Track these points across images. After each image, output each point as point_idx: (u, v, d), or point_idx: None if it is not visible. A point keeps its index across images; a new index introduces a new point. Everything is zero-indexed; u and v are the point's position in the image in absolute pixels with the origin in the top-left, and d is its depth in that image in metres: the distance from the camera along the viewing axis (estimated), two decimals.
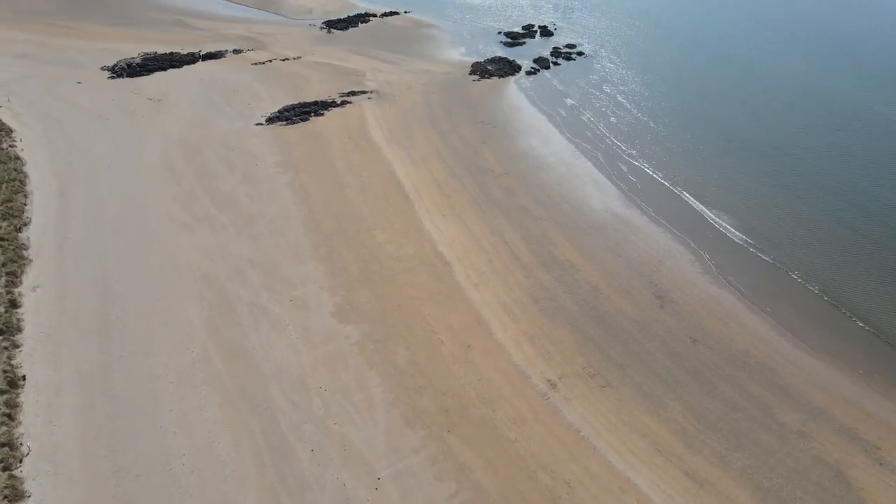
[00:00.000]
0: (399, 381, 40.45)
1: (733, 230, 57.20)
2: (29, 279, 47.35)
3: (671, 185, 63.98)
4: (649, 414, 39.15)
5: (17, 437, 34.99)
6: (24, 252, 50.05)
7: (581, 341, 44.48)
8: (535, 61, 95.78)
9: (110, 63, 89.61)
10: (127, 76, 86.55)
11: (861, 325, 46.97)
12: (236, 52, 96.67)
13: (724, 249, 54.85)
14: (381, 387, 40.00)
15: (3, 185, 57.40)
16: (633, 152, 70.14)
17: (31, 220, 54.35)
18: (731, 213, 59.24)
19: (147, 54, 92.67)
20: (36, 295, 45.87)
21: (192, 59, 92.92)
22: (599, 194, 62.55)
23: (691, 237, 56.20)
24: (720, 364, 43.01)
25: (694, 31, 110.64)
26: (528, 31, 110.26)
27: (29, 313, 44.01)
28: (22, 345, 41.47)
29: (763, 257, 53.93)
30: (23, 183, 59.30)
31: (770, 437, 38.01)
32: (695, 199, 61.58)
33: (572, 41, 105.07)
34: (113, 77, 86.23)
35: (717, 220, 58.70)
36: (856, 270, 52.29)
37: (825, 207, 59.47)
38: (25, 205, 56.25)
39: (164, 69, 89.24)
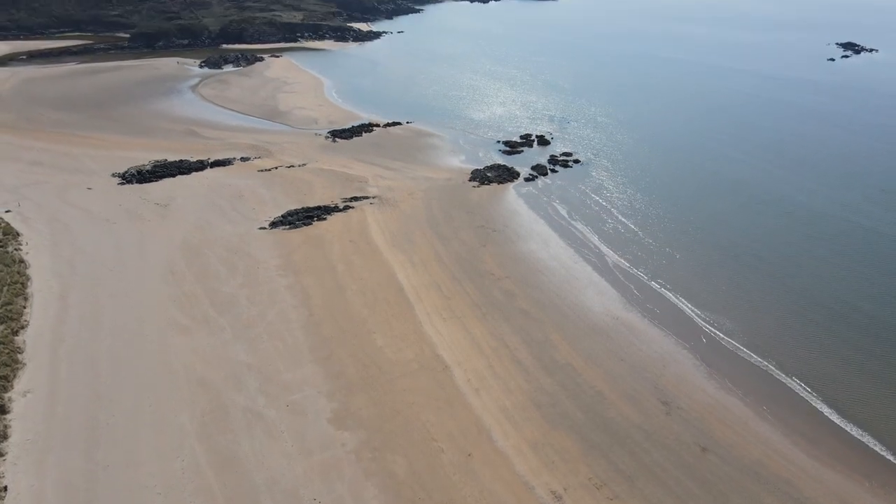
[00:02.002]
0: (397, 493, 38.62)
1: (730, 338, 56.28)
2: (21, 384, 46.46)
3: (668, 291, 63.84)
4: None
5: None
6: (19, 356, 49.44)
7: (586, 450, 42.88)
8: (532, 168, 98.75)
9: (121, 170, 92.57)
10: (136, 182, 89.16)
11: (867, 438, 45.38)
12: (244, 159, 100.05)
13: (724, 356, 53.94)
14: (377, 498, 38.15)
15: (5, 288, 57.58)
16: (630, 257, 70.68)
17: (28, 322, 54.10)
18: (729, 321, 58.62)
19: (157, 162, 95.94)
20: (26, 400, 44.80)
21: (200, 166, 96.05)
22: (599, 297, 62.47)
23: (692, 342, 55.57)
24: (733, 475, 41.18)
25: (683, 141, 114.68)
26: (526, 140, 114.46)
27: (17, 419, 42.82)
28: (7, 453, 40.07)
29: (760, 365, 52.77)
30: (24, 286, 59.55)
31: None
32: (693, 305, 61.17)
33: (568, 150, 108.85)
34: (123, 183, 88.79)
35: (715, 327, 57.87)
36: (855, 381, 51.12)
37: (818, 319, 58.94)
38: (25, 307, 56.19)
39: (173, 175, 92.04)
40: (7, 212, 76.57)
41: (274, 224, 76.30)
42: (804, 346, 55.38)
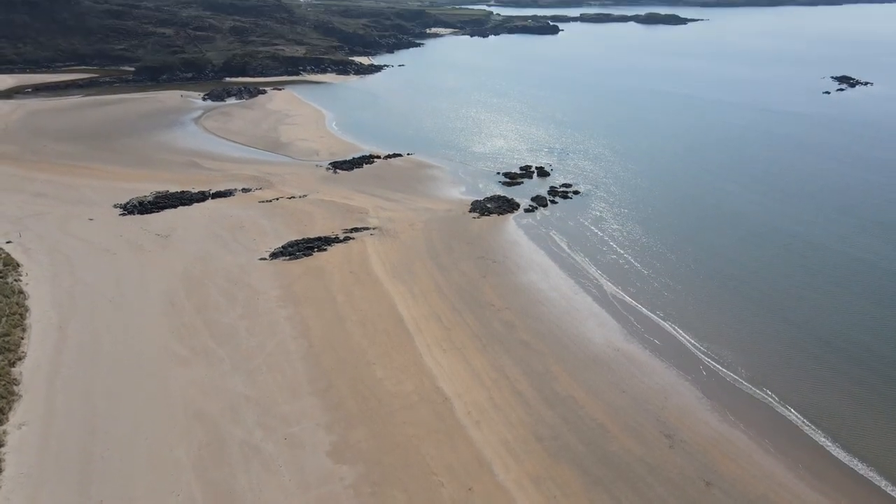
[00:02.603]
0: None
1: (730, 371, 55.81)
2: (16, 416, 46.00)
3: (668, 322, 63.54)
4: None
5: None
6: (15, 388, 49.06)
7: (589, 484, 42.25)
8: (532, 200, 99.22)
9: (123, 201, 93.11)
10: (138, 213, 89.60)
11: (873, 474, 44.73)
12: (245, 190, 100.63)
13: (726, 389, 53.43)
14: None
15: (3, 319, 57.40)
16: (630, 288, 70.48)
17: (26, 354, 53.79)
18: (730, 353, 58.11)
19: (159, 193, 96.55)
20: (21, 433, 44.32)
21: (202, 197, 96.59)
22: (600, 329, 62.21)
23: (693, 374, 55.18)
24: None
25: (681, 173, 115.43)
26: (526, 171, 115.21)
27: (11, 453, 42.30)
28: (0, 487, 39.44)
29: (761, 398, 52.22)
30: (23, 317, 59.36)
31: None
32: (693, 337, 60.74)
33: (568, 181, 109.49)
34: (124, 214, 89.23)
35: (715, 359, 57.33)
36: (859, 415, 50.50)
37: (818, 352, 58.31)
38: (23, 339, 55.94)
39: (175, 206, 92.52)
40: (8, 242, 76.73)
41: (274, 255, 76.41)
42: (805, 378, 54.93)
